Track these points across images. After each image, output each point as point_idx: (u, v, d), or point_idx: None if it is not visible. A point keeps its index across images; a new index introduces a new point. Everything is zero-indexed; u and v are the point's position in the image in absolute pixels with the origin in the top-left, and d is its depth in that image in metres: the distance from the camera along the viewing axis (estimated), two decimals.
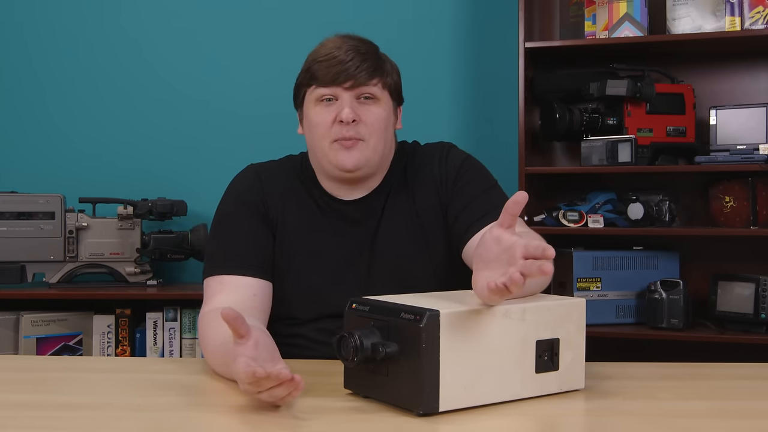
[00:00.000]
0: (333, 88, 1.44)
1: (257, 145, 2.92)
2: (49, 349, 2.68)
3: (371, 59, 1.46)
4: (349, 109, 1.43)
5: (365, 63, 1.44)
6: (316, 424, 1.03)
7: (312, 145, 1.50)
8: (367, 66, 1.44)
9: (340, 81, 1.43)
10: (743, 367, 1.38)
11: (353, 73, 1.43)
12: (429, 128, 2.86)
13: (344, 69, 1.43)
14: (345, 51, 1.44)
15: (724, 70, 2.75)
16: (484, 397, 1.07)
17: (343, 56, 1.43)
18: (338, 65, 1.43)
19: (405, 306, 1.05)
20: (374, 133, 1.45)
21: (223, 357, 1.23)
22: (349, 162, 1.45)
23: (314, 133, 1.47)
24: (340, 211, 1.52)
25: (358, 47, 1.46)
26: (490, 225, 1.18)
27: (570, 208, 2.61)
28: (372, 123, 1.45)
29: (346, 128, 1.43)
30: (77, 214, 2.75)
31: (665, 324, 2.52)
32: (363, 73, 1.43)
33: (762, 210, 2.51)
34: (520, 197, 1.06)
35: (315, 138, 1.47)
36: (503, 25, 2.86)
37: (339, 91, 1.44)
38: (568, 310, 1.15)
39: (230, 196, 1.54)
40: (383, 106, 1.48)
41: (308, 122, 1.49)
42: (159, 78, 3.04)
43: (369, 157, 1.46)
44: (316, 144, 1.47)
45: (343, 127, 1.43)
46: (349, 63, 1.43)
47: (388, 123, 1.49)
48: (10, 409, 1.11)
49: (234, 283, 1.42)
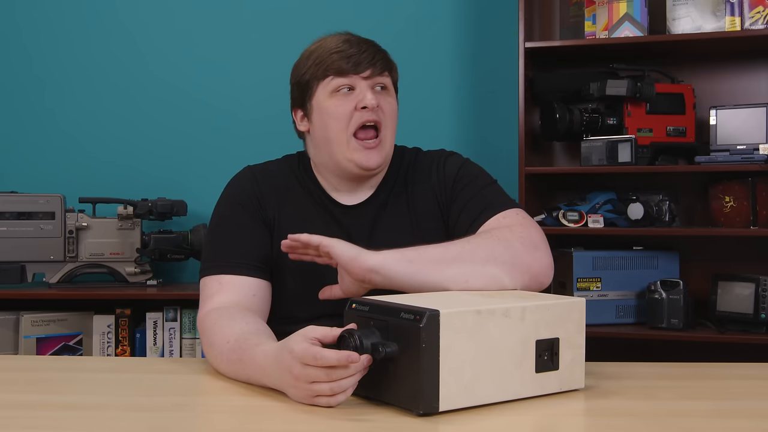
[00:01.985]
0: (352, 78, 1.46)
1: (257, 145, 2.92)
2: (49, 349, 2.68)
3: (381, 52, 1.50)
4: (371, 94, 1.45)
5: (378, 54, 1.48)
6: (316, 424, 1.03)
7: (327, 139, 1.48)
8: (381, 57, 1.48)
9: (360, 70, 1.45)
10: (743, 367, 1.38)
11: (371, 62, 1.46)
12: (429, 128, 2.88)
13: (361, 59, 1.45)
14: (356, 43, 1.47)
15: (724, 70, 2.74)
16: (484, 397, 1.07)
17: (356, 48, 1.46)
18: (356, 55, 1.45)
19: (405, 306, 1.05)
20: (390, 121, 1.49)
21: (239, 353, 1.22)
22: (372, 161, 1.46)
23: (331, 126, 1.46)
24: (339, 215, 1.52)
25: (366, 41, 1.50)
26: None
27: (570, 208, 2.61)
28: (389, 112, 1.48)
29: (368, 114, 1.45)
30: (77, 214, 2.75)
31: (665, 324, 2.52)
32: (379, 63, 1.47)
33: (762, 210, 2.51)
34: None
35: (332, 131, 1.46)
36: (503, 25, 2.86)
37: (357, 80, 1.46)
38: (568, 309, 1.15)
39: (228, 197, 1.54)
40: (394, 97, 1.52)
41: (323, 115, 1.48)
42: (159, 78, 3.04)
43: (388, 152, 1.50)
44: (334, 137, 1.47)
45: (366, 113, 1.45)
46: (364, 54, 1.46)
47: (396, 115, 1.53)
48: (10, 409, 1.11)
49: (233, 283, 1.42)
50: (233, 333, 1.27)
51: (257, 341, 1.22)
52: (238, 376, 1.24)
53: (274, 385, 1.14)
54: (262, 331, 1.29)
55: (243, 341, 1.24)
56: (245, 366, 1.21)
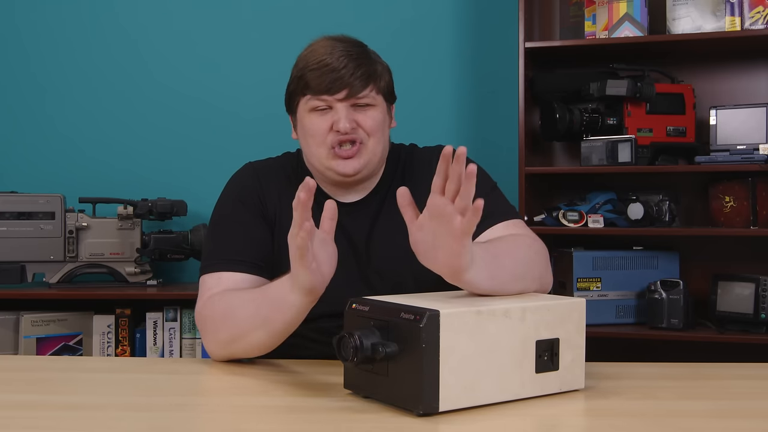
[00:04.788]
0: (327, 99, 1.43)
1: (257, 145, 2.91)
2: (49, 349, 2.68)
3: (364, 64, 1.44)
4: (345, 119, 1.42)
5: (359, 70, 1.43)
6: (316, 424, 1.03)
7: (308, 152, 1.50)
8: (361, 73, 1.43)
9: (334, 91, 1.42)
10: (743, 367, 1.38)
11: (348, 81, 1.42)
12: (429, 128, 2.87)
13: (338, 77, 1.41)
14: (337, 57, 1.42)
15: (724, 70, 2.75)
16: (484, 397, 1.07)
17: (336, 63, 1.42)
18: (331, 73, 1.41)
19: (405, 306, 1.05)
20: (372, 135, 1.46)
21: (263, 291, 1.30)
22: (349, 168, 1.45)
23: (310, 142, 1.47)
24: (337, 210, 1.52)
25: (349, 51, 1.44)
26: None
27: (570, 208, 2.61)
28: (369, 127, 1.45)
29: (344, 135, 1.44)
30: (77, 214, 2.75)
31: (665, 324, 2.52)
32: (357, 82, 1.42)
33: (762, 210, 2.51)
34: (401, 196, 1.16)
35: (311, 146, 1.47)
36: (503, 25, 2.87)
37: (333, 102, 1.43)
38: (568, 310, 1.15)
39: (228, 194, 1.54)
40: (379, 109, 1.47)
41: (303, 131, 1.48)
42: (159, 78, 3.04)
43: (368, 160, 1.47)
44: (313, 152, 1.47)
45: (341, 134, 1.44)
46: (343, 71, 1.41)
47: (384, 125, 1.50)
48: (10, 409, 1.11)
49: (232, 280, 1.42)
50: (253, 289, 1.34)
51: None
52: (262, 311, 1.28)
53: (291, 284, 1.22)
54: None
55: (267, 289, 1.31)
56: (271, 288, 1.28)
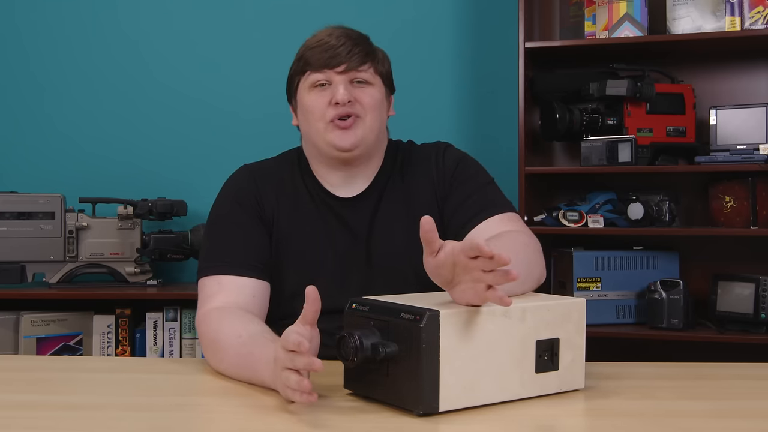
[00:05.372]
0: (326, 73, 1.46)
1: (257, 145, 2.90)
2: (49, 349, 2.68)
3: (363, 44, 1.49)
4: (344, 90, 1.45)
5: (357, 47, 1.47)
6: (316, 424, 1.03)
7: (307, 130, 1.50)
8: (359, 51, 1.47)
9: (333, 65, 1.45)
10: (743, 367, 1.38)
11: (346, 57, 1.46)
12: (429, 128, 2.87)
13: (336, 53, 1.46)
14: (336, 37, 1.48)
15: (724, 70, 2.75)
16: (484, 397, 1.07)
17: (335, 42, 1.47)
18: (330, 50, 1.46)
19: (405, 306, 1.05)
20: (370, 111, 1.47)
21: (250, 347, 1.23)
22: (346, 141, 1.46)
23: (309, 117, 1.48)
24: (337, 208, 1.52)
25: (349, 34, 1.50)
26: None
27: (570, 208, 2.61)
28: (367, 102, 1.47)
29: (342, 108, 1.45)
30: (77, 214, 2.75)
31: (665, 324, 2.52)
32: (355, 57, 1.46)
33: (762, 210, 2.51)
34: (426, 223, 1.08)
35: (310, 122, 1.48)
36: (503, 25, 2.87)
37: (332, 75, 1.46)
38: (568, 310, 1.15)
39: (225, 196, 1.53)
40: (377, 89, 1.50)
41: (303, 108, 1.50)
42: (159, 78, 3.04)
43: (365, 134, 1.48)
44: (312, 127, 1.48)
45: (339, 107, 1.45)
46: (341, 48, 1.46)
47: (382, 106, 1.51)
48: (10, 409, 1.11)
49: (233, 284, 1.42)
50: (246, 329, 1.28)
51: (273, 338, 1.23)
52: (242, 372, 1.24)
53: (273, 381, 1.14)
54: (272, 333, 1.30)
55: (259, 336, 1.25)
56: (255, 360, 1.19)
